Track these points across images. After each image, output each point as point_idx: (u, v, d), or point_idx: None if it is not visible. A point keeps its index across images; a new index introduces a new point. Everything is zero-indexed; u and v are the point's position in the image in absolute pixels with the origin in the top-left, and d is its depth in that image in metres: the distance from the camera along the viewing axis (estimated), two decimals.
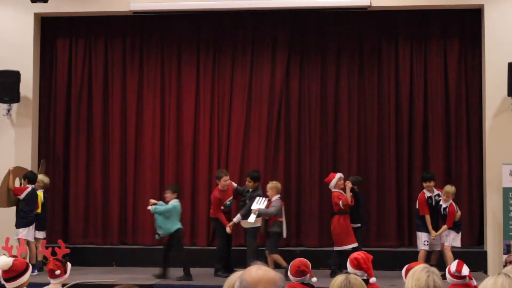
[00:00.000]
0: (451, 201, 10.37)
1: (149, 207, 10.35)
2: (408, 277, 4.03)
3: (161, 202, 10.47)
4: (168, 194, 10.53)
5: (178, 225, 10.37)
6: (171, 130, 12.28)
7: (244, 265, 8.99)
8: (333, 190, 10.63)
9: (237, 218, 10.56)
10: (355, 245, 10.13)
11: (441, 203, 10.46)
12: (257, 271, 2.72)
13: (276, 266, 9.93)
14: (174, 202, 10.41)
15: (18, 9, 11.84)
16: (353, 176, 10.97)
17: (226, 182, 10.63)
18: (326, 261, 10.53)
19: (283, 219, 10.50)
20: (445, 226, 10.34)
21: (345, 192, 10.49)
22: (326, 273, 9.96)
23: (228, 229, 10.52)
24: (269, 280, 2.69)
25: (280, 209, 10.40)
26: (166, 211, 10.26)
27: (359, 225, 10.62)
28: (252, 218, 10.23)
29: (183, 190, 12.08)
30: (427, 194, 10.54)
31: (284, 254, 10.57)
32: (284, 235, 10.57)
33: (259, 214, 10.25)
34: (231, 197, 10.80)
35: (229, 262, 10.60)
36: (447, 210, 10.34)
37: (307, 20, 12.14)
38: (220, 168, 11.76)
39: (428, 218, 10.40)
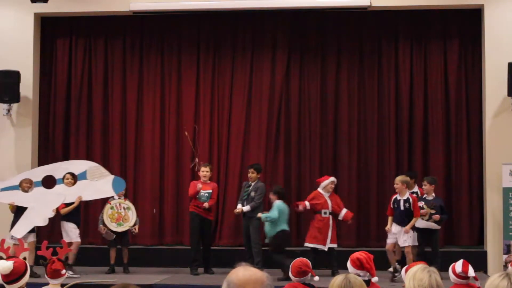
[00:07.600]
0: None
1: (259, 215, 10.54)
2: (408, 278, 3.98)
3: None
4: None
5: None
6: (171, 130, 12.27)
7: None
8: (320, 190, 10.71)
9: (246, 207, 10.68)
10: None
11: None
12: (244, 272, 2.67)
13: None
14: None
15: (18, 9, 11.83)
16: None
17: (203, 173, 10.81)
18: (326, 260, 10.52)
19: None
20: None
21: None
22: (326, 273, 9.94)
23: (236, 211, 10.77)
24: (257, 281, 2.64)
25: None
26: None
27: None
28: None
29: (183, 189, 12.07)
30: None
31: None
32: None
33: None
34: (210, 191, 10.78)
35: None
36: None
37: (307, 20, 12.14)
38: (220, 168, 11.87)
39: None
